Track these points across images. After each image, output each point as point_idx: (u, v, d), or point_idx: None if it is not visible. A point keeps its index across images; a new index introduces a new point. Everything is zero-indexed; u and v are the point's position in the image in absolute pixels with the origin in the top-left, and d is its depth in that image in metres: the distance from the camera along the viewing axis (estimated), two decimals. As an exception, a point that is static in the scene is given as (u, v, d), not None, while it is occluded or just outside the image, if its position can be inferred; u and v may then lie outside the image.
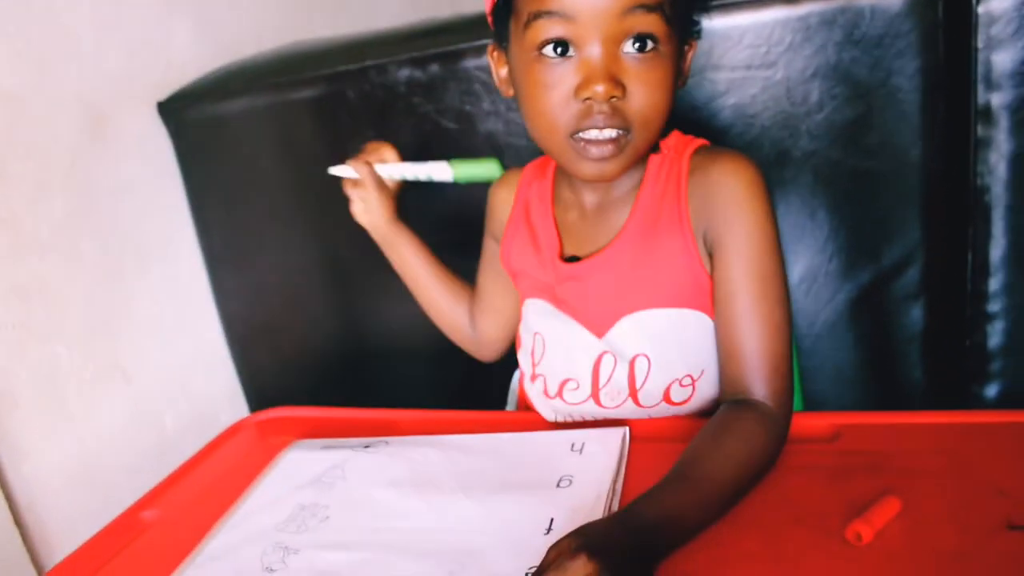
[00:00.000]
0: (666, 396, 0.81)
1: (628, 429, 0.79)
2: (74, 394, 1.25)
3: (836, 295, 1.09)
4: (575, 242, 0.85)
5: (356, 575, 0.65)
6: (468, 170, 0.97)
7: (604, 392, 0.83)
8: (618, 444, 0.77)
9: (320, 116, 1.28)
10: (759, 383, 0.73)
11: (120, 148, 1.34)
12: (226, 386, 1.56)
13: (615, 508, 0.68)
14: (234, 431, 0.98)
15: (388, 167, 0.98)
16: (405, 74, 1.19)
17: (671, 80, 0.73)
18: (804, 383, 1.07)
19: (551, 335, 0.86)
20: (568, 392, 0.85)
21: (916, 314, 1.07)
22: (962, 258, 1.01)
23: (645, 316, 0.80)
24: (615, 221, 0.81)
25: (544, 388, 0.87)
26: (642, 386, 0.81)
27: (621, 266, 0.80)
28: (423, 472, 0.78)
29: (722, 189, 0.75)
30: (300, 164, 1.34)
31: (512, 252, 0.91)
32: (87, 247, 1.28)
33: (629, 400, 0.82)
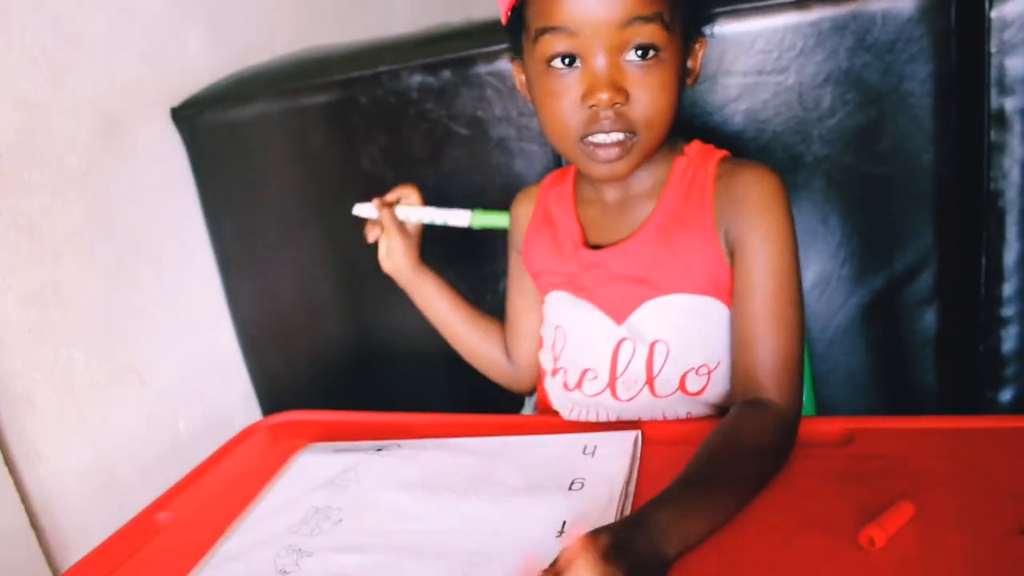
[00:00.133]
0: (682, 385, 0.83)
1: (640, 432, 0.79)
2: (89, 398, 1.26)
3: (849, 300, 1.09)
4: (598, 234, 0.87)
5: (369, 577, 0.66)
6: (486, 219, 0.99)
7: (621, 381, 0.84)
8: (630, 447, 0.77)
9: (333, 122, 1.29)
10: (771, 380, 0.75)
11: (134, 154, 1.35)
12: (239, 390, 1.57)
13: (627, 511, 0.68)
14: (247, 434, 0.98)
15: (408, 210, 0.99)
16: (417, 80, 1.20)
17: (675, 82, 0.76)
18: (817, 387, 1.07)
19: (572, 325, 0.88)
20: (587, 382, 0.86)
21: (929, 319, 1.07)
22: (975, 263, 1.01)
23: (666, 301, 0.82)
24: (639, 214, 0.85)
25: (564, 381, 0.89)
26: (659, 373, 0.83)
27: (644, 254, 0.83)
28: (435, 475, 0.79)
29: (748, 193, 0.79)
30: (313, 169, 1.35)
31: (534, 252, 0.93)
32: (102, 252, 1.29)
33: (645, 389, 0.84)
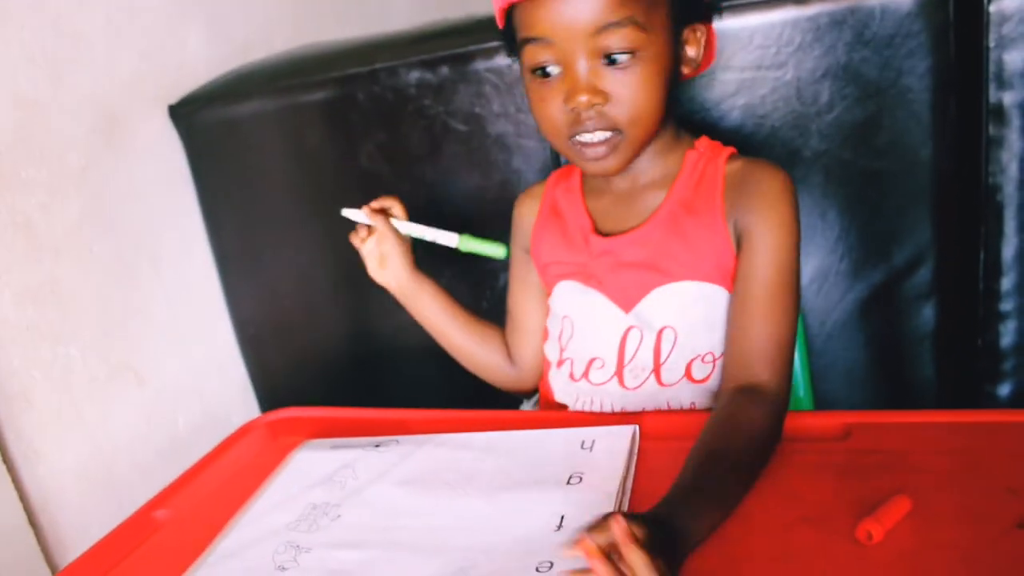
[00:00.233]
0: (687, 372, 0.85)
1: (638, 427, 0.79)
2: (87, 395, 1.26)
3: (847, 295, 1.09)
4: (607, 223, 0.89)
5: (367, 573, 0.66)
6: (474, 245, 0.95)
7: (628, 369, 0.86)
8: (628, 441, 0.77)
9: (331, 118, 1.29)
10: (765, 363, 0.77)
11: (132, 151, 1.35)
12: (238, 387, 1.57)
13: (625, 505, 0.68)
14: (245, 431, 0.98)
15: (396, 223, 0.96)
16: (415, 76, 1.19)
17: (657, 77, 0.77)
18: (815, 382, 1.06)
19: (580, 314, 0.89)
20: (594, 371, 0.88)
21: (927, 313, 1.07)
22: (974, 257, 1.01)
23: (675, 288, 0.84)
24: (649, 204, 0.86)
25: (570, 371, 0.90)
26: (665, 360, 0.84)
27: (655, 240, 0.84)
28: (433, 470, 0.79)
29: (760, 186, 0.82)
30: (311, 166, 1.35)
31: (542, 245, 0.93)
32: (100, 249, 1.29)
33: (652, 378, 0.85)
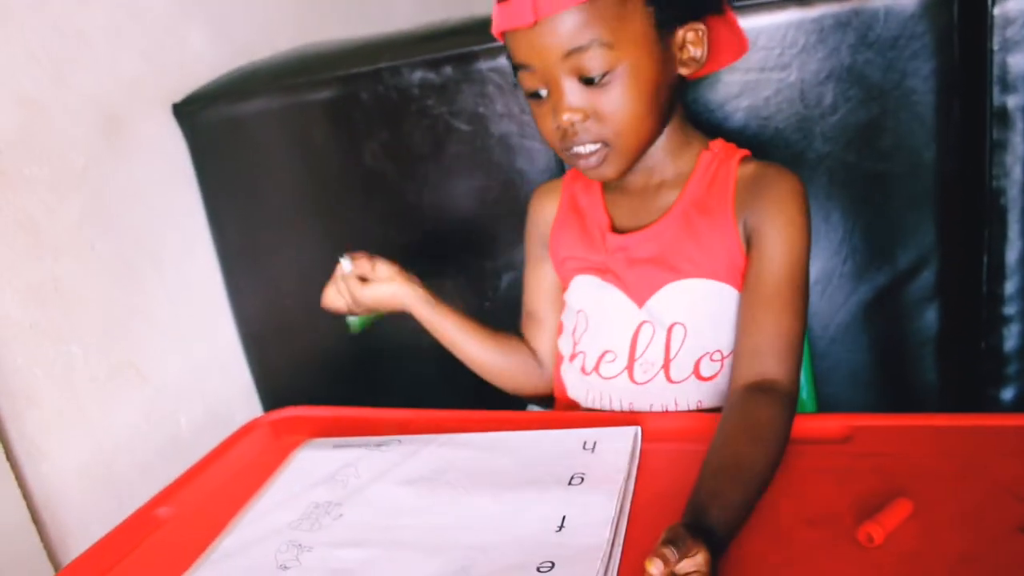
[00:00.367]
0: (696, 370, 0.86)
1: (640, 428, 0.79)
2: (90, 394, 1.26)
3: (851, 297, 1.09)
4: (624, 220, 0.91)
5: (369, 572, 0.66)
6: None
7: (639, 364, 0.87)
8: (630, 443, 0.77)
9: (334, 118, 1.29)
10: (777, 358, 0.79)
11: (135, 150, 1.35)
12: (240, 385, 1.57)
13: (627, 507, 0.68)
14: (248, 430, 0.98)
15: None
16: (419, 76, 1.19)
17: (640, 88, 0.79)
18: (818, 385, 1.06)
19: (595, 308, 0.91)
20: (605, 365, 0.89)
21: (931, 316, 1.07)
22: (977, 260, 1.01)
23: (686, 285, 0.86)
24: (664, 201, 0.88)
25: (582, 365, 0.91)
26: (675, 357, 0.86)
27: (667, 238, 0.87)
28: (435, 470, 0.79)
29: (770, 187, 0.83)
30: (314, 166, 1.35)
31: (561, 241, 0.95)
32: (103, 248, 1.29)
33: (661, 374, 0.86)
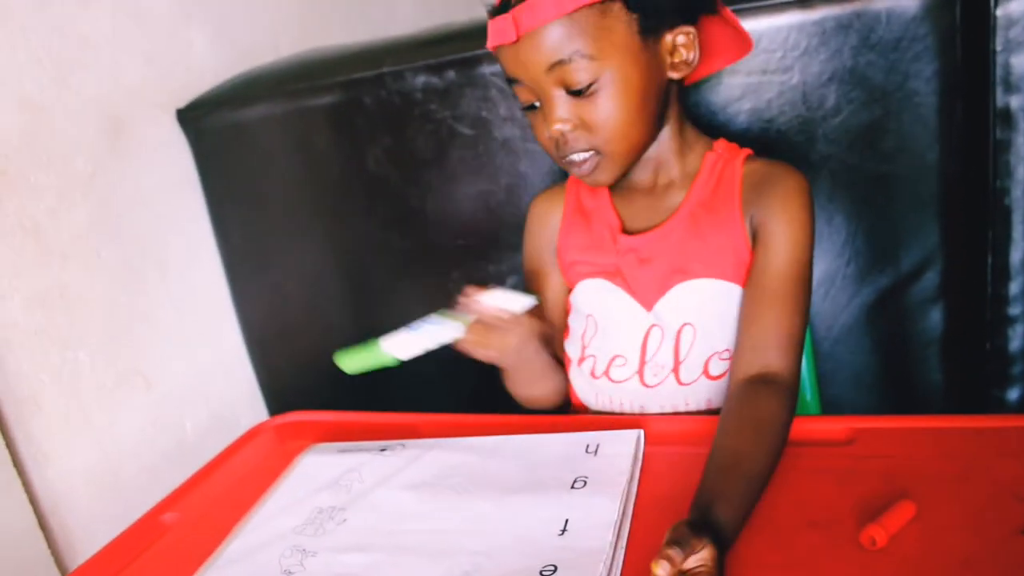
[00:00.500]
0: (705, 370, 0.87)
1: (643, 431, 0.79)
2: (95, 399, 1.26)
3: (854, 299, 1.08)
4: (633, 222, 0.92)
5: (372, 577, 0.66)
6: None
7: (649, 367, 0.88)
8: (633, 446, 0.77)
9: (337, 123, 1.29)
10: (779, 352, 0.80)
11: (140, 156, 1.36)
12: (245, 390, 1.57)
13: (630, 510, 0.68)
14: (253, 435, 0.99)
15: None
16: (422, 80, 1.20)
17: (627, 95, 0.80)
18: (822, 386, 1.06)
19: (604, 313, 0.91)
20: (615, 369, 0.90)
21: (935, 318, 1.07)
22: (981, 262, 1.01)
23: (694, 285, 0.87)
24: (671, 202, 0.90)
25: (592, 369, 0.91)
26: (685, 358, 0.87)
27: (676, 239, 0.88)
28: (438, 474, 0.79)
29: (775, 184, 0.85)
30: (318, 170, 1.35)
31: (569, 244, 0.95)
32: (108, 254, 1.29)
33: (671, 376, 0.87)
